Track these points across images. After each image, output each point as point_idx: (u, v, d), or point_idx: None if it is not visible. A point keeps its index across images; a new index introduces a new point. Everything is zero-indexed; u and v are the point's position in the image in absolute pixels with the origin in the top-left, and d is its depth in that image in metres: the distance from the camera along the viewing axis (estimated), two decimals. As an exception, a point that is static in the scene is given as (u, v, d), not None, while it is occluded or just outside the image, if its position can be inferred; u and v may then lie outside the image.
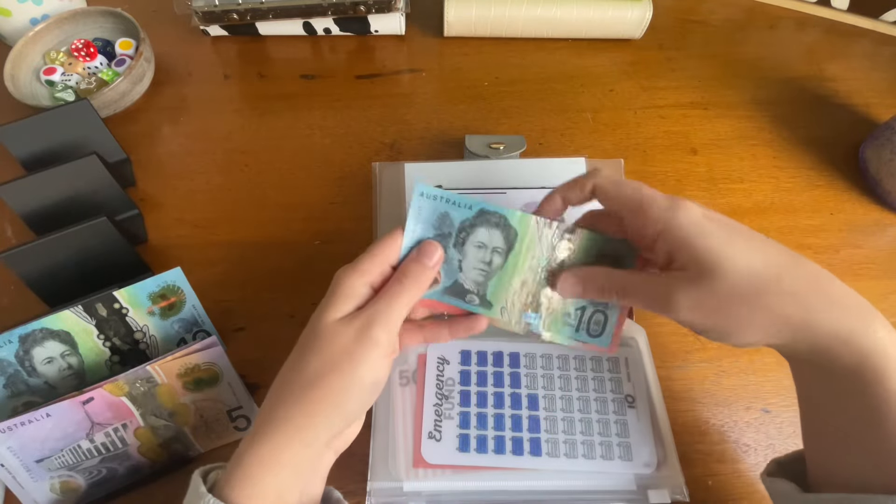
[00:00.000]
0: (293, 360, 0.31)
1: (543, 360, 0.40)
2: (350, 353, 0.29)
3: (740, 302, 0.28)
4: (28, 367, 0.37)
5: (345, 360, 0.29)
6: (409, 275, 0.31)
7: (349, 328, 0.30)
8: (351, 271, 0.31)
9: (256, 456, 0.28)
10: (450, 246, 0.33)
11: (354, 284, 0.31)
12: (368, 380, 0.30)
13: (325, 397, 0.29)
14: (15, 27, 0.57)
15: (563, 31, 0.59)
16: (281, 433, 0.29)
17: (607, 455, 0.36)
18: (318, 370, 0.29)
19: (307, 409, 0.29)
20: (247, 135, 0.54)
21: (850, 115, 0.55)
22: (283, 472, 0.28)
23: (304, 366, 0.30)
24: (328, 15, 0.57)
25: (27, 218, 0.45)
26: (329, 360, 0.29)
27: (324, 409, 0.29)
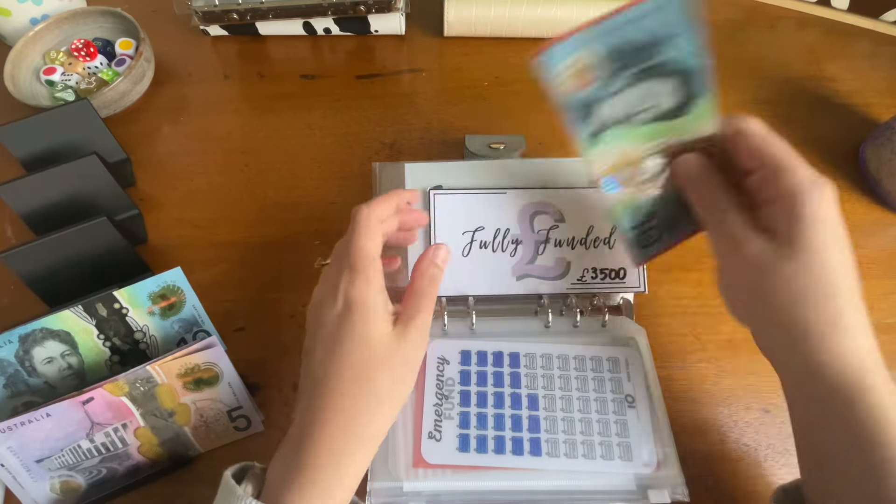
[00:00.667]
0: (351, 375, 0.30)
1: (543, 359, 0.40)
2: (413, 363, 0.32)
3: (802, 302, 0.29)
4: (28, 366, 0.37)
5: (409, 370, 0.32)
6: (436, 280, 0.34)
7: (407, 346, 0.31)
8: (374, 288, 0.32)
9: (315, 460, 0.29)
10: (626, 72, 0.32)
11: (384, 299, 0.32)
12: (415, 369, 0.32)
13: (398, 403, 0.31)
14: (15, 27, 0.57)
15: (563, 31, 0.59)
16: (341, 441, 0.29)
17: (607, 455, 0.36)
18: (386, 387, 0.31)
19: (375, 418, 0.30)
20: (247, 135, 0.54)
21: (850, 115, 0.55)
22: (341, 479, 0.29)
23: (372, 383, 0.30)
24: (328, 15, 0.57)
25: (27, 218, 0.45)
26: (399, 376, 0.31)
27: (386, 412, 0.31)
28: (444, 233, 0.41)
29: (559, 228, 0.41)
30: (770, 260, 0.30)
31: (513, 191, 0.42)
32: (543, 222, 0.41)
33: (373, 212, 0.33)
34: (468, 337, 0.41)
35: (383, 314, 0.31)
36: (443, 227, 0.41)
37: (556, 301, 0.43)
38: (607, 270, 0.41)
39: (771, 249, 0.30)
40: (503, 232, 0.41)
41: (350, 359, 0.30)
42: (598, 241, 0.41)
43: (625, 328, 0.42)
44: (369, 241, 0.32)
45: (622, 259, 0.41)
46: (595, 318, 0.42)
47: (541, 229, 0.41)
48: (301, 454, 0.29)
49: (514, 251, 0.41)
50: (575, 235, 0.41)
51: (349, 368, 0.30)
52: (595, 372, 0.40)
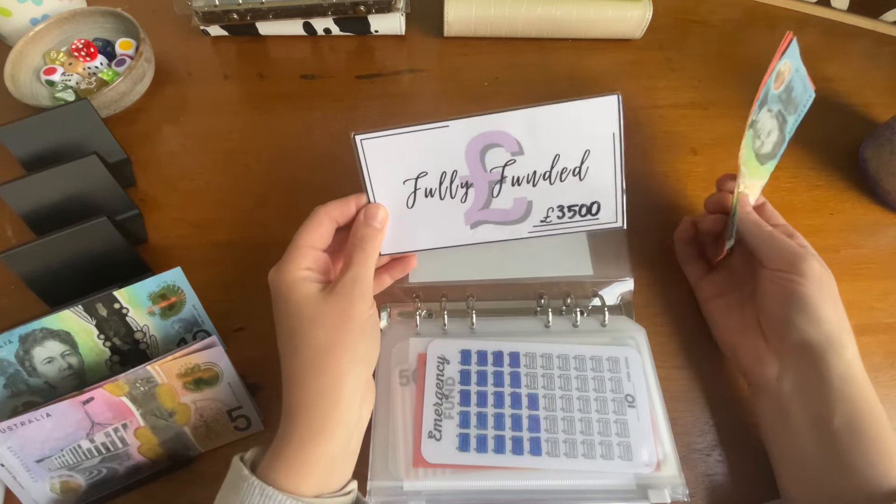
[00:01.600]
0: (293, 343, 0.33)
1: (543, 359, 0.40)
2: (346, 314, 0.33)
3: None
4: (28, 366, 0.37)
5: (346, 321, 0.33)
6: (368, 240, 0.36)
7: (334, 298, 0.33)
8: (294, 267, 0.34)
9: (297, 438, 0.31)
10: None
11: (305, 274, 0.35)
12: (368, 328, 0.34)
13: (343, 354, 0.32)
14: (15, 27, 0.57)
15: (563, 31, 0.59)
16: (315, 412, 0.32)
17: (607, 455, 0.36)
18: (325, 339, 0.32)
19: (334, 374, 0.32)
20: (247, 135, 0.54)
21: (850, 115, 0.55)
22: (323, 452, 0.31)
23: (310, 342, 0.33)
24: (328, 15, 0.57)
25: (27, 218, 0.45)
26: (331, 327, 0.33)
27: (346, 364, 0.32)
28: (381, 185, 0.36)
29: (517, 163, 0.36)
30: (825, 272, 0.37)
31: (456, 121, 0.35)
32: (497, 157, 0.36)
33: (324, 210, 0.37)
34: (468, 336, 0.41)
35: (304, 283, 0.34)
36: (378, 177, 0.36)
37: (557, 300, 0.43)
38: (577, 207, 0.36)
39: (822, 265, 0.37)
40: (450, 175, 0.36)
41: (284, 327, 0.34)
42: (566, 172, 0.35)
43: (625, 328, 0.42)
44: (305, 232, 0.36)
45: (596, 192, 0.36)
46: (595, 317, 0.42)
47: (494, 167, 0.36)
48: (283, 429, 0.32)
49: (464, 196, 0.36)
50: (536, 169, 0.36)
51: (287, 338, 0.33)
52: (595, 371, 0.40)
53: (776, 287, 0.37)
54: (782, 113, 0.42)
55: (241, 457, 0.32)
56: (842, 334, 0.35)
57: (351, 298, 0.33)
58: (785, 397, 0.36)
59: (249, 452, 0.33)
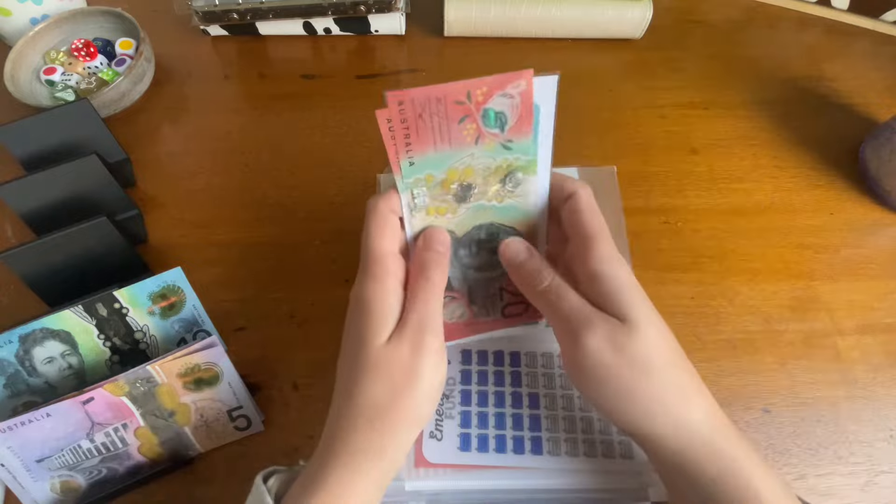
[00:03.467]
0: (350, 391, 0.29)
1: (544, 358, 0.40)
2: (413, 371, 0.28)
3: (649, 368, 0.28)
4: (28, 366, 0.37)
5: (411, 379, 0.28)
6: (432, 267, 0.30)
7: (401, 347, 0.29)
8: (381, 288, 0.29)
9: (332, 482, 0.27)
10: None
11: (391, 301, 0.30)
12: (436, 386, 0.30)
13: (402, 419, 0.28)
14: (15, 27, 0.57)
15: (563, 31, 0.59)
16: (359, 461, 0.28)
17: (608, 453, 0.36)
18: (385, 396, 0.28)
19: (385, 434, 0.28)
20: (247, 135, 0.54)
21: (850, 115, 0.55)
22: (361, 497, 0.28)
23: (367, 395, 0.28)
24: (328, 15, 0.57)
25: (27, 218, 0.45)
26: (393, 384, 0.28)
27: (402, 428, 0.29)
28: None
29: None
30: (620, 335, 0.28)
31: None
32: None
33: (384, 203, 0.30)
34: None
35: (384, 318, 0.29)
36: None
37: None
38: None
39: (618, 326, 0.28)
40: None
41: (347, 363, 0.30)
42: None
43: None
44: (378, 237, 0.30)
45: None
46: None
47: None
48: (317, 464, 0.28)
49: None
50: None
51: (347, 373, 0.29)
52: (595, 371, 0.40)
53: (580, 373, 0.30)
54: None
55: (264, 479, 0.29)
56: (667, 414, 0.28)
57: (420, 349, 0.28)
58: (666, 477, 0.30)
59: (274, 479, 0.29)
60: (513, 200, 0.32)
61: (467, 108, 0.29)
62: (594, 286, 0.29)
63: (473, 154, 0.30)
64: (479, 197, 0.32)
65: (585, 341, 0.28)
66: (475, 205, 0.32)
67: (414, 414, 0.29)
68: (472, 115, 0.30)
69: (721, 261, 0.46)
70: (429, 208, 0.31)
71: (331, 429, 0.29)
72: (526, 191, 0.32)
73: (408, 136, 0.30)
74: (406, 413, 0.28)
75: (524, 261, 0.32)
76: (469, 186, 0.31)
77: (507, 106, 0.31)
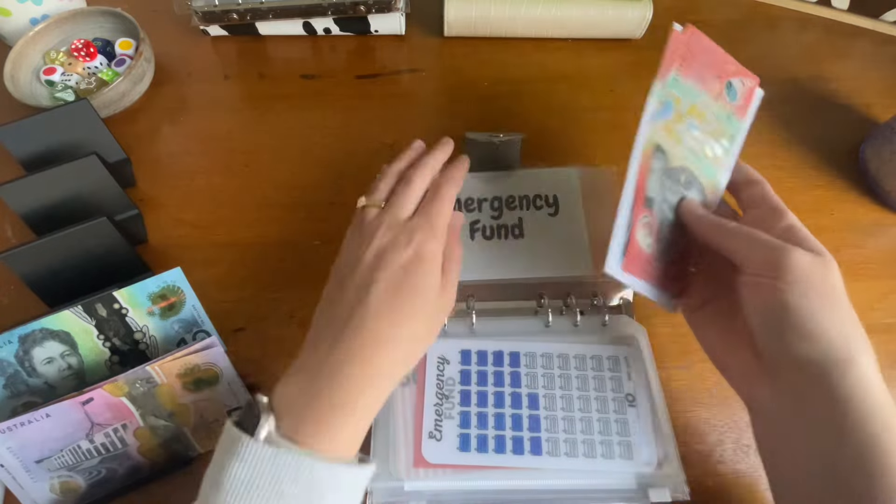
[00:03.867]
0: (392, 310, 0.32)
1: (543, 359, 0.40)
2: (446, 312, 0.36)
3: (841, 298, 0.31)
4: (28, 367, 0.37)
5: (443, 316, 0.36)
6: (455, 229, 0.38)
7: (447, 298, 0.35)
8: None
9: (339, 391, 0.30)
10: None
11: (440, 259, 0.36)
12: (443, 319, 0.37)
13: (429, 342, 0.35)
14: (15, 27, 0.57)
15: (563, 31, 0.59)
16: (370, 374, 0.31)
17: (608, 454, 0.36)
18: (423, 333, 0.34)
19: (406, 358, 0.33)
20: (247, 135, 0.54)
21: (850, 115, 0.55)
22: (360, 414, 0.30)
23: (411, 328, 0.33)
24: (328, 15, 0.57)
25: (27, 218, 0.45)
26: (433, 323, 0.35)
27: (413, 356, 0.34)
28: None
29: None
30: (822, 263, 0.31)
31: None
32: None
33: (456, 187, 0.38)
34: (468, 336, 0.41)
35: (439, 270, 0.35)
36: None
37: (557, 300, 0.43)
38: None
39: (818, 256, 0.31)
40: None
41: (410, 303, 0.33)
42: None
43: (625, 327, 0.42)
44: (448, 209, 0.37)
45: None
46: (595, 317, 0.42)
47: None
48: (321, 389, 0.30)
49: None
50: None
51: (406, 311, 0.32)
52: (595, 371, 0.40)
53: (757, 296, 0.31)
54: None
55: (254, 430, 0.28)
56: (849, 345, 0.29)
57: (453, 296, 0.35)
58: (782, 423, 0.31)
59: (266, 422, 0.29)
60: (711, 161, 0.38)
61: (721, 70, 0.39)
62: (790, 236, 0.32)
63: (709, 105, 0.38)
64: (698, 143, 0.38)
65: (797, 258, 0.30)
66: (690, 147, 0.37)
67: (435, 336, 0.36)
68: (721, 77, 0.39)
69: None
70: (666, 125, 0.36)
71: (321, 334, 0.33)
72: (722, 159, 0.39)
73: (683, 59, 0.37)
74: (432, 338, 0.35)
75: (703, 214, 0.36)
76: (695, 127, 0.38)
77: (740, 89, 0.40)
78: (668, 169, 0.37)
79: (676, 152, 0.37)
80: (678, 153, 0.37)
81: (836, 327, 0.30)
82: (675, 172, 0.37)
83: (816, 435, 0.29)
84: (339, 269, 0.36)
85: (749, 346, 0.33)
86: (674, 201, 0.37)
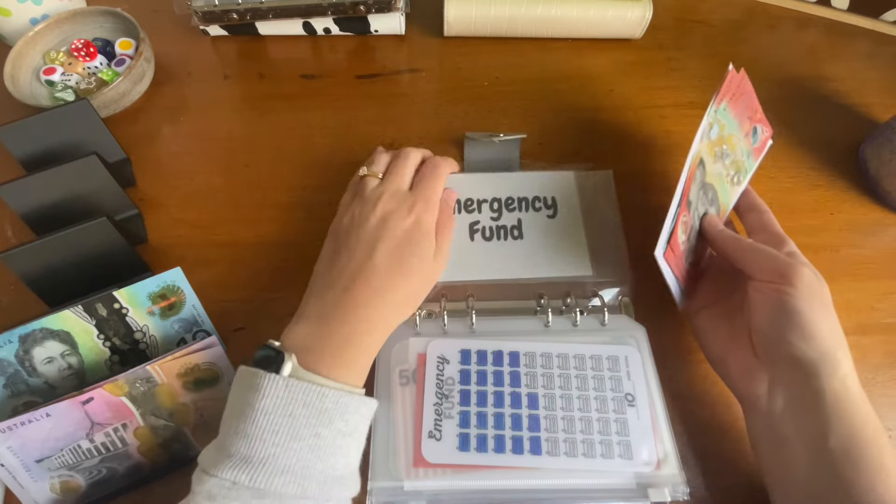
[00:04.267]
0: (389, 267, 0.37)
1: (543, 359, 0.40)
2: (438, 276, 0.41)
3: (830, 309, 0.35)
4: (28, 366, 0.37)
5: (435, 279, 0.40)
6: (448, 205, 0.44)
7: (440, 265, 0.40)
8: None
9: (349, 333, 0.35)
10: None
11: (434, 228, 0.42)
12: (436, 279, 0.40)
13: (414, 301, 0.39)
14: (15, 27, 0.57)
15: (563, 31, 0.59)
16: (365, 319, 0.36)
17: (607, 454, 0.36)
18: (416, 292, 0.39)
19: (401, 308, 0.38)
20: (247, 135, 0.54)
21: (850, 115, 0.55)
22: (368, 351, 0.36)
23: (403, 287, 0.38)
24: (328, 15, 0.57)
25: (27, 218, 0.45)
26: (425, 284, 0.40)
27: (408, 309, 0.39)
28: None
29: None
30: (817, 281, 0.35)
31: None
32: None
33: (449, 169, 0.45)
34: (468, 336, 0.41)
35: (433, 238, 0.40)
36: None
37: (556, 300, 0.43)
38: None
39: (815, 274, 0.36)
40: None
41: (410, 262, 0.38)
42: None
43: (625, 327, 0.42)
44: (441, 185, 0.43)
45: None
46: (595, 316, 0.42)
47: None
48: (334, 329, 0.35)
49: None
50: None
51: (406, 268, 0.37)
52: (595, 370, 0.40)
53: (765, 299, 0.35)
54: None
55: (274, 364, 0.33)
56: (837, 349, 0.34)
57: (446, 261, 0.41)
58: (776, 416, 0.34)
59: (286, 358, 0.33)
60: (729, 188, 0.44)
61: (752, 114, 0.46)
62: (793, 260, 0.36)
63: (739, 140, 0.44)
64: (725, 168, 0.43)
65: (805, 271, 0.35)
66: (719, 170, 0.42)
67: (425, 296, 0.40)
68: (752, 120, 0.46)
69: (721, 261, 0.46)
70: (710, 144, 0.41)
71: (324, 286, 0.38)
72: (736, 189, 0.45)
73: (732, 95, 0.43)
74: (422, 298, 0.40)
75: (723, 228, 0.41)
76: (727, 154, 0.43)
77: (760, 135, 0.47)
78: (703, 182, 0.41)
79: (711, 170, 0.41)
80: (712, 171, 0.42)
81: (830, 333, 0.34)
82: (707, 188, 0.41)
83: (807, 426, 0.33)
84: (340, 229, 0.40)
85: (747, 345, 0.37)
86: (701, 212, 0.41)
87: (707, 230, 0.41)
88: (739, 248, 0.38)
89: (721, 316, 0.40)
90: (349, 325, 0.35)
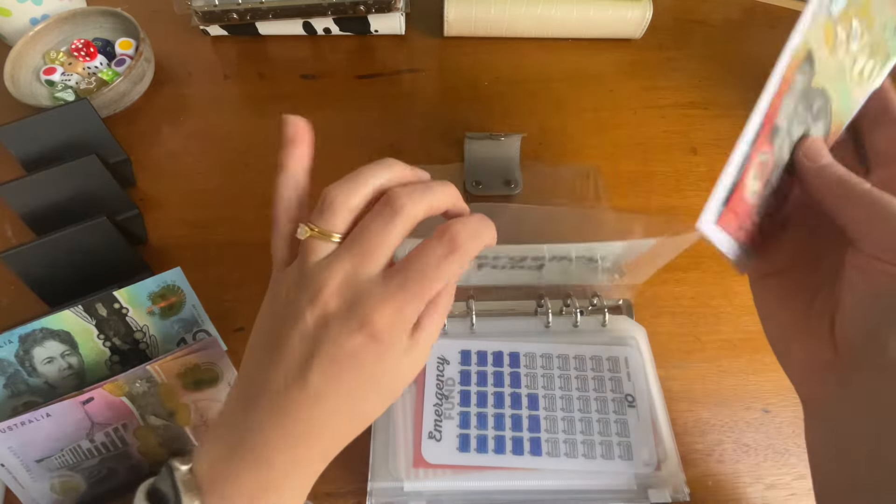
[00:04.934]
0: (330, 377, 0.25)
1: (543, 359, 0.40)
2: (408, 381, 0.27)
3: None
4: (28, 366, 0.37)
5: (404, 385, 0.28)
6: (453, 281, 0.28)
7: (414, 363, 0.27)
8: None
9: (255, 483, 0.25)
10: None
11: None
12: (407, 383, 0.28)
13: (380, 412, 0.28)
14: (15, 27, 0.57)
15: (563, 31, 0.59)
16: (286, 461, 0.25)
17: (607, 454, 0.36)
18: (377, 407, 0.27)
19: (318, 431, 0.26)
20: (247, 135, 0.54)
21: (850, 115, 0.55)
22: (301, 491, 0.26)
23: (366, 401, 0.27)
24: (328, 15, 0.57)
25: (27, 218, 0.45)
26: (391, 393, 0.28)
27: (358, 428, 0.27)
28: None
29: None
30: None
31: None
32: None
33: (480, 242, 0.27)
34: (468, 337, 0.41)
35: (403, 342, 0.26)
36: None
37: (557, 301, 0.43)
38: None
39: None
40: None
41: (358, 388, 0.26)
42: None
43: (625, 327, 0.42)
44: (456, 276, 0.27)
45: None
46: (595, 317, 0.42)
47: None
48: (251, 465, 0.25)
49: None
50: None
51: (354, 394, 0.26)
52: (595, 371, 0.40)
53: (870, 282, 0.25)
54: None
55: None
56: None
57: (422, 364, 0.27)
58: (848, 423, 0.26)
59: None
60: (855, 85, 0.28)
61: None
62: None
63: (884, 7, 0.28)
64: (850, 58, 0.28)
65: None
66: (840, 63, 0.28)
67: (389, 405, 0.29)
68: None
69: (721, 261, 0.46)
70: (828, 24, 0.28)
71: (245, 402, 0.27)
72: (865, 86, 0.29)
73: None
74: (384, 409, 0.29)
75: (829, 163, 0.27)
76: (858, 36, 0.28)
77: None
78: (808, 89, 0.27)
79: (824, 68, 0.27)
80: (826, 69, 0.27)
81: None
82: (813, 95, 0.27)
83: (886, 441, 0.24)
84: (275, 307, 0.27)
85: (826, 333, 0.26)
86: (796, 137, 0.27)
87: (802, 164, 0.27)
88: (846, 197, 0.25)
89: (797, 287, 0.29)
90: (270, 468, 0.25)
